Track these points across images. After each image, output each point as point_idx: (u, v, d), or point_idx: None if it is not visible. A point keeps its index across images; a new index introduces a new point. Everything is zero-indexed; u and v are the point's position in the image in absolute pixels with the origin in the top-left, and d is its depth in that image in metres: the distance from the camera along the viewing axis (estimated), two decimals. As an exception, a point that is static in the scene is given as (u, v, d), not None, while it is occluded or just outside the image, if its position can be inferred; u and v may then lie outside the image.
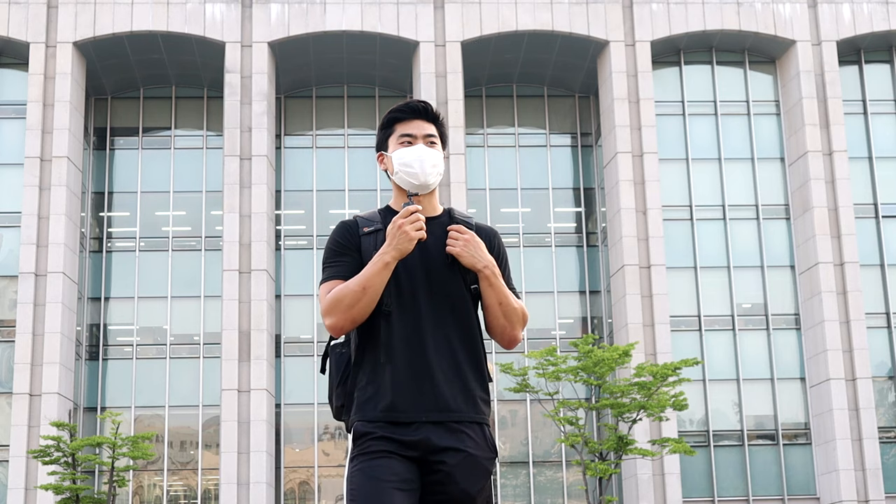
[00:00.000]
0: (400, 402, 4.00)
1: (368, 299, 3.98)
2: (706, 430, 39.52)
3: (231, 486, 36.50)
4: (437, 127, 4.29)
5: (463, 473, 3.99)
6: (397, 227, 3.95)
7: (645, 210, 39.06)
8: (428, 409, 4.00)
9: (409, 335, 4.05)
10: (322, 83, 42.82)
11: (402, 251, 3.96)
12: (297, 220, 42.30)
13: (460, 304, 4.12)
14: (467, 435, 4.03)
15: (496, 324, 4.13)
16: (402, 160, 4.16)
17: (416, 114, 4.24)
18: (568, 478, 39.99)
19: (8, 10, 39.08)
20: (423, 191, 4.17)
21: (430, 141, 4.23)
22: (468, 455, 4.01)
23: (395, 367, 4.03)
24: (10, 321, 38.50)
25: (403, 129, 4.23)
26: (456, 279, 4.11)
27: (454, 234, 4.08)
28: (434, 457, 3.99)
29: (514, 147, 42.96)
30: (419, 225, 3.96)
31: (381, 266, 3.96)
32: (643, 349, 37.51)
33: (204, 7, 39.58)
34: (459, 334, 4.10)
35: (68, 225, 38.09)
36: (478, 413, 4.09)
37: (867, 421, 38.05)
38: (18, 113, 39.88)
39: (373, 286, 3.97)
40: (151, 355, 40.50)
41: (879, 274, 40.78)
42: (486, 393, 4.16)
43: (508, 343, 4.17)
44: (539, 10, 40.18)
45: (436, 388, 4.02)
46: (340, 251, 4.14)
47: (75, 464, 33.16)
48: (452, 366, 4.06)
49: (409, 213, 3.97)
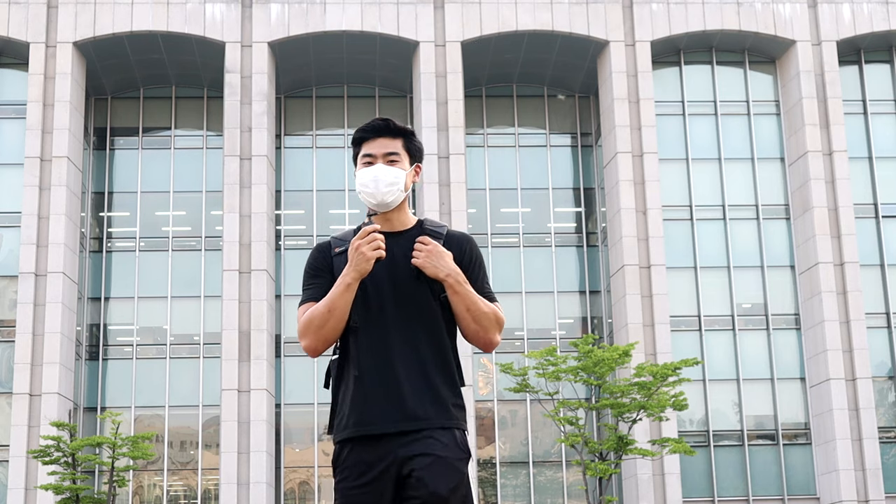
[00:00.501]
0: (369, 415, 4.13)
1: (335, 320, 4.13)
2: (706, 430, 39.53)
3: (231, 486, 36.50)
4: (405, 142, 4.33)
5: (432, 476, 4.06)
6: (355, 248, 4.08)
7: (645, 210, 39.06)
8: (396, 420, 4.11)
9: (377, 348, 4.17)
10: (322, 83, 42.82)
11: (362, 271, 4.09)
12: (297, 220, 42.30)
13: (428, 314, 4.21)
14: (436, 440, 4.11)
15: (468, 329, 4.22)
16: (360, 180, 4.27)
17: (377, 132, 4.30)
18: (568, 478, 39.99)
19: (8, 10, 39.08)
20: (382, 209, 4.26)
21: (390, 159, 4.27)
22: (437, 458, 4.08)
23: (363, 380, 4.16)
24: (10, 321, 38.50)
25: (366, 148, 4.31)
26: (423, 290, 4.20)
27: (418, 245, 4.18)
28: (406, 465, 4.09)
29: (514, 147, 42.96)
30: (376, 244, 4.07)
31: (343, 287, 4.10)
32: (643, 349, 37.51)
33: (204, 7, 39.58)
34: (428, 344, 4.20)
35: (68, 225, 38.09)
36: (448, 419, 4.17)
37: (867, 421, 38.05)
38: (18, 113, 39.88)
39: (338, 307, 4.11)
40: (151, 355, 40.50)
41: (879, 274, 40.78)
42: (458, 398, 4.24)
43: (485, 346, 4.27)
44: (539, 10, 40.18)
45: (402, 398, 4.13)
46: (314, 273, 4.30)
47: (75, 464, 33.16)
48: (420, 375, 4.16)
49: (366, 234, 4.08)
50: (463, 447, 4.16)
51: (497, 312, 4.23)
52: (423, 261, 4.15)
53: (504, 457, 40.42)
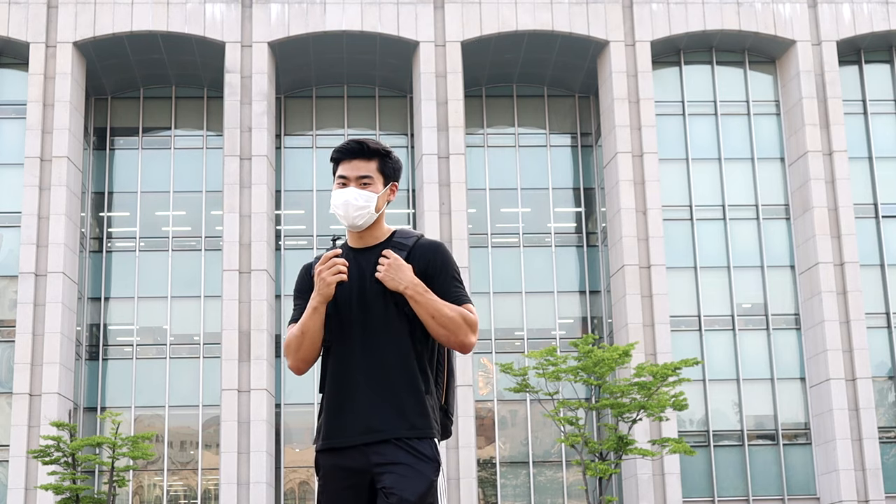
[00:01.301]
0: (335, 429, 4.31)
1: (308, 341, 4.31)
2: (706, 430, 39.53)
3: (231, 486, 36.50)
4: (380, 163, 4.37)
5: (399, 484, 4.16)
6: (317, 274, 4.23)
7: (645, 210, 39.06)
8: (359, 433, 4.25)
9: (345, 365, 4.33)
10: (322, 83, 42.82)
11: (325, 295, 4.23)
12: (297, 220, 42.31)
13: (393, 327, 4.31)
14: (402, 450, 4.22)
15: (438, 334, 4.29)
16: (333, 202, 4.38)
17: (351, 154, 4.37)
18: (568, 478, 39.99)
19: (8, 10, 39.09)
20: (353, 230, 4.37)
21: (362, 182, 4.34)
22: (404, 466, 4.19)
23: (333, 395, 4.36)
24: (10, 321, 38.51)
25: (341, 169, 4.39)
26: (388, 303, 4.30)
27: (381, 259, 4.30)
28: (376, 473, 4.22)
29: (514, 147, 42.96)
30: (335, 269, 4.20)
31: (311, 311, 4.26)
32: (643, 349, 37.52)
33: (204, 7, 39.58)
34: (394, 356, 4.29)
35: (68, 225, 38.09)
36: (411, 429, 4.25)
37: (867, 421, 38.05)
38: (18, 113, 39.88)
39: (308, 329, 4.28)
40: (151, 355, 40.50)
41: (879, 274, 40.78)
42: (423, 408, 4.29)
43: (459, 348, 4.33)
44: (539, 10, 40.19)
45: (364, 412, 4.26)
46: (297, 295, 4.48)
47: (75, 464, 33.17)
48: (384, 388, 4.27)
49: (326, 259, 4.24)
50: (430, 456, 4.22)
51: (465, 314, 4.27)
52: (384, 274, 4.26)
53: (504, 457, 40.42)
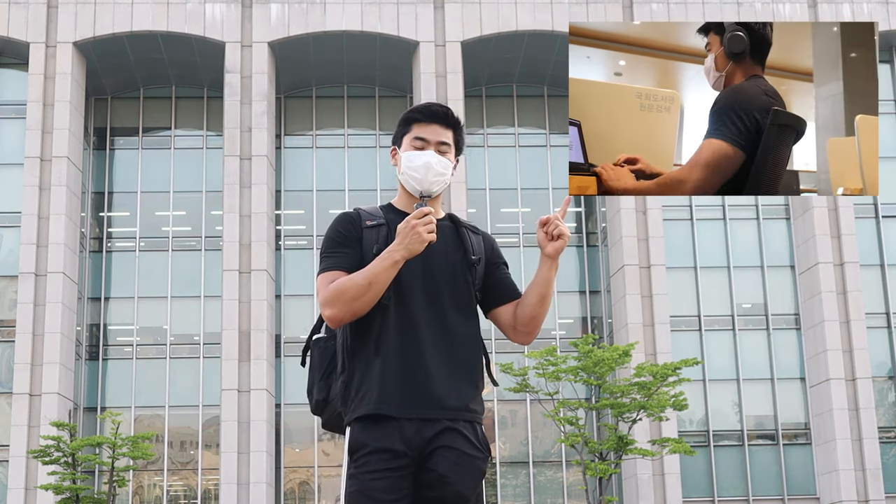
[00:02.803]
0: (391, 396, 3.98)
1: (373, 294, 3.96)
2: (706, 430, 39.53)
3: (231, 486, 36.50)
4: (455, 133, 4.28)
5: (457, 474, 3.97)
6: (410, 227, 3.93)
7: (645, 210, 39.07)
8: (420, 406, 3.99)
9: (406, 331, 4.04)
10: (322, 83, 42.82)
11: (413, 251, 3.95)
12: (297, 220, 42.30)
13: (464, 304, 4.15)
14: (460, 433, 4.01)
15: (528, 318, 4.22)
16: (410, 163, 4.16)
17: (434, 118, 4.25)
18: (568, 478, 39.99)
19: (8, 10, 39.08)
20: (423, 195, 4.16)
21: (442, 149, 4.21)
22: (461, 454, 3.99)
23: (388, 361, 4.02)
24: (10, 321, 38.50)
25: (419, 131, 4.22)
26: (461, 281, 4.15)
27: (557, 217, 4.10)
28: (427, 456, 3.97)
29: (514, 147, 42.97)
30: (431, 227, 3.95)
31: (390, 263, 3.94)
32: (643, 349, 37.52)
33: (204, 7, 39.58)
34: (461, 334, 4.11)
35: (68, 225, 38.09)
36: (471, 412, 4.08)
37: (867, 421, 38.05)
38: (18, 113, 39.87)
39: (379, 282, 3.95)
40: (151, 355, 40.50)
41: (879, 274, 40.78)
42: (480, 393, 4.16)
43: (530, 338, 4.26)
44: (539, 10, 40.20)
45: (429, 384, 4.00)
46: (343, 241, 4.13)
47: (75, 464, 33.16)
48: (449, 363, 4.05)
49: (422, 215, 3.95)
50: (484, 445, 4.07)
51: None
52: (564, 229, 4.10)
53: (504, 457, 40.42)
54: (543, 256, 4.16)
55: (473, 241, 4.29)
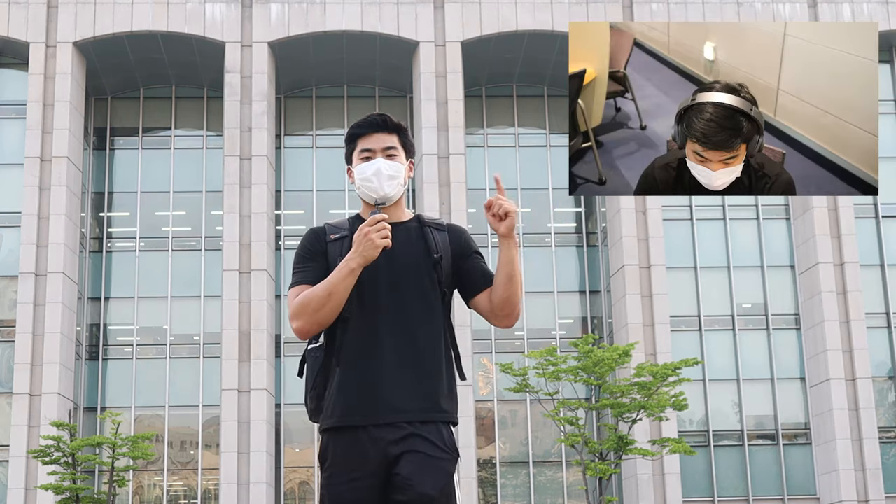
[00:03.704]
0: (353, 407, 4.16)
1: (333, 304, 4.12)
2: (706, 430, 39.53)
3: (231, 486, 36.50)
4: (400, 137, 4.39)
5: (421, 476, 4.06)
6: (363, 235, 4.08)
7: (645, 210, 39.07)
8: (382, 413, 4.12)
9: (367, 340, 4.18)
10: (322, 83, 42.82)
11: (367, 258, 4.09)
12: (297, 220, 42.30)
13: (426, 304, 4.24)
14: (424, 438, 4.11)
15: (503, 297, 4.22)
16: (363, 174, 4.30)
17: (374, 127, 4.36)
18: (568, 478, 39.99)
19: (8, 10, 39.09)
20: (385, 202, 4.29)
21: (388, 154, 4.33)
22: (426, 456, 4.09)
23: (349, 372, 4.18)
24: (10, 321, 38.50)
25: (364, 143, 4.36)
26: (426, 281, 4.25)
27: (500, 197, 4.14)
28: (393, 461, 4.10)
29: (514, 147, 42.97)
30: (385, 233, 4.08)
31: (347, 272, 4.10)
32: (643, 349, 37.51)
33: (204, 7, 39.58)
34: (423, 334, 4.21)
35: (68, 225, 38.09)
36: (440, 412, 4.18)
37: (867, 421, 38.05)
38: (18, 113, 39.88)
39: (338, 292, 4.10)
40: (151, 355, 40.50)
41: (879, 274, 40.78)
42: (451, 391, 4.24)
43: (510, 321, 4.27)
44: (539, 10, 40.20)
45: (391, 390, 4.14)
46: (309, 256, 4.31)
47: (75, 464, 33.16)
48: (410, 366, 4.16)
49: (375, 222, 4.09)
50: (450, 447, 4.16)
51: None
52: (509, 207, 4.13)
53: (504, 457, 40.42)
54: (500, 237, 4.21)
55: (437, 238, 4.37)
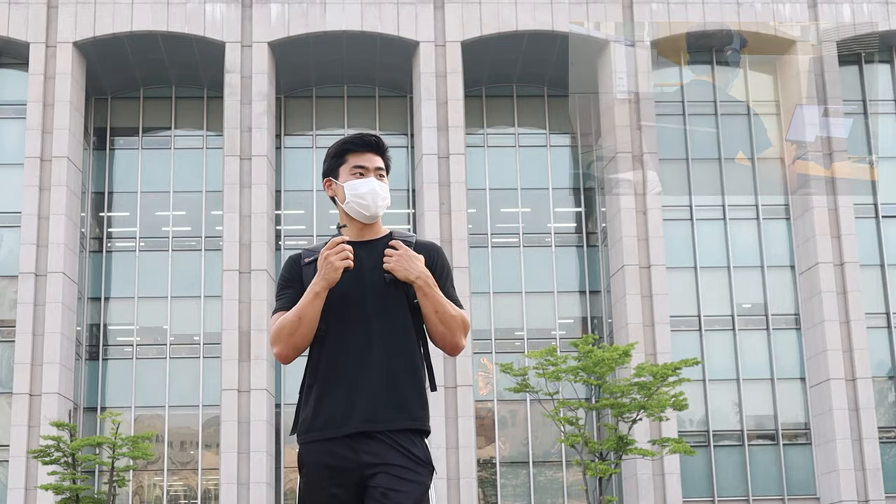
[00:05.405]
0: (329, 418, 4.25)
1: (305, 328, 4.24)
2: (706, 430, 39.52)
3: (231, 486, 36.51)
4: (385, 160, 4.53)
5: (398, 488, 4.15)
6: (324, 259, 4.21)
7: (645, 210, 39.06)
8: (356, 424, 4.21)
9: (339, 356, 4.29)
10: (322, 83, 42.82)
11: (330, 280, 4.20)
12: (297, 220, 42.31)
13: (398, 320, 4.32)
14: (398, 450, 4.20)
15: (435, 331, 4.33)
16: (356, 191, 4.40)
17: (368, 147, 4.48)
18: (568, 478, 39.98)
19: (8, 10, 39.09)
20: (370, 221, 4.41)
21: (379, 174, 4.46)
22: (403, 469, 4.18)
23: (324, 387, 4.29)
24: (10, 321, 38.50)
25: (356, 160, 4.45)
26: (395, 296, 4.32)
27: (389, 251, 4.31)
28: (371, 475, 4.18)
29: (514, 147, 42.96)
30: (344, 255, 4.21)
31: (312, 296, 4.22)
32: (643, 349, 37.51)
33: (204, 7, 39.58)
34: (396, 349, 4.30)
35: (68, 225, 38.09)
36: (414, 420, 4.27)
37: (867, 421, 38.04)
38: (18, 113, 39.88)
39: (307, 315, 4.23)
40: (151, 355, 40.50)
41: (879, 274, 40.77)
42: (424, 400, 4.34)
43: (451, 349, 4.37)
44: (539, 10, 40.19)
45: (363, 401, 4.24)
46: (285, 284, 4.43)
47: (75, 464, 33.17)
48: (383, 379, 4.25)
49: (334, 245, 4.20)
50: (425, 460, 4.24)
51: (463, 316, 4.36)
52: (395, 264, 4.27)
53: (504, 457, 40.42)
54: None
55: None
